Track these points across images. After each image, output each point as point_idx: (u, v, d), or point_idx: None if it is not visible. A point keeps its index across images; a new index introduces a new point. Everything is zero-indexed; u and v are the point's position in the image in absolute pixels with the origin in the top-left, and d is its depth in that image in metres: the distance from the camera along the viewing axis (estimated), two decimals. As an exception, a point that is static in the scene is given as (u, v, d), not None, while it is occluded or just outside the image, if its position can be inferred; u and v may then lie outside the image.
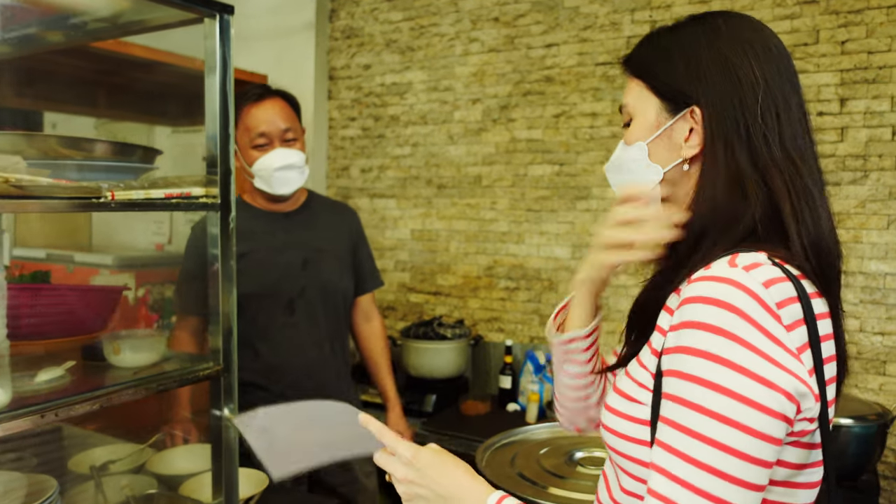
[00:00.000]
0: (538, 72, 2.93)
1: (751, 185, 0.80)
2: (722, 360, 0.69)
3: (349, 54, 3.38)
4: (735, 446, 0.69)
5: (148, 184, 1.05)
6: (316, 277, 1.89)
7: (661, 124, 0.87)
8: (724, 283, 0.72)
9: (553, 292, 2.96)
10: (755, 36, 0.85)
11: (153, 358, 1.16)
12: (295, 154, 1.83)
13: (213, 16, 1.11)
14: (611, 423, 0.85)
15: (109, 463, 1.49)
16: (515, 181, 3.01)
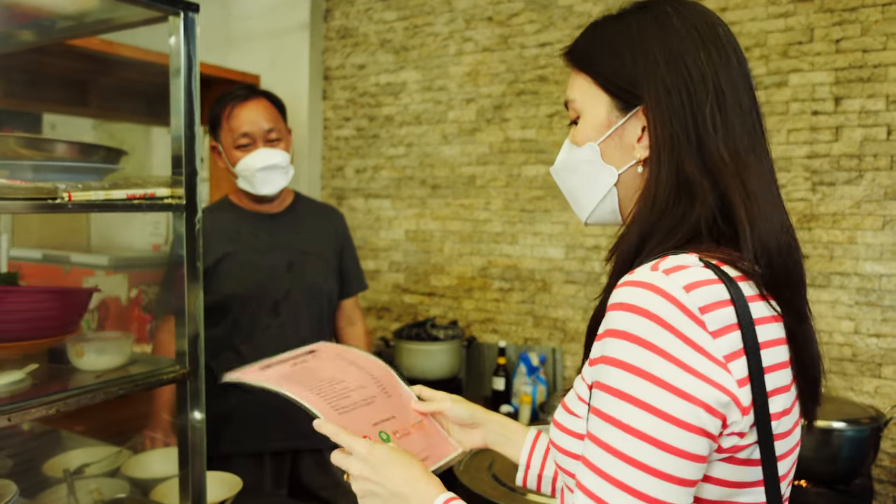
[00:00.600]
0: (532, 71, 2.91)
1: (699, 186, 0.74)
2: (638, 371, 0.65)
3: (344, 54, 3.37)
4: (652, 464, 0.64)
5: (109, 184, 1.04)
6: (301, 280, 1.87)
7: (612, 123, 0.81)
8: (642, 287, 0.67)
9: (547, 293, 2.93)
10: (706, 26, 0.78)
11: (119, 361, 1.15)
12: (278, 154, 1.81)
13: (177, 13, 1.09)
14: (556, 438, 0.81)
15: (85, 466, 1.48)
16: (509, 181, 2.99)
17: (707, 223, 0.74)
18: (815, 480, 1.99)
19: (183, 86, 1.12)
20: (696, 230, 0.75)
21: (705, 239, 0.75)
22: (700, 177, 0.75)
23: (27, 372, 1.07)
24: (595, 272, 2.83)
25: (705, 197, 0.74)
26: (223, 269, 1.81)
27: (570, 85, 0.86)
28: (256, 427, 1.82)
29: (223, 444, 1.81)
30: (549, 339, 2.95)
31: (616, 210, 0.85)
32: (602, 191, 0.83)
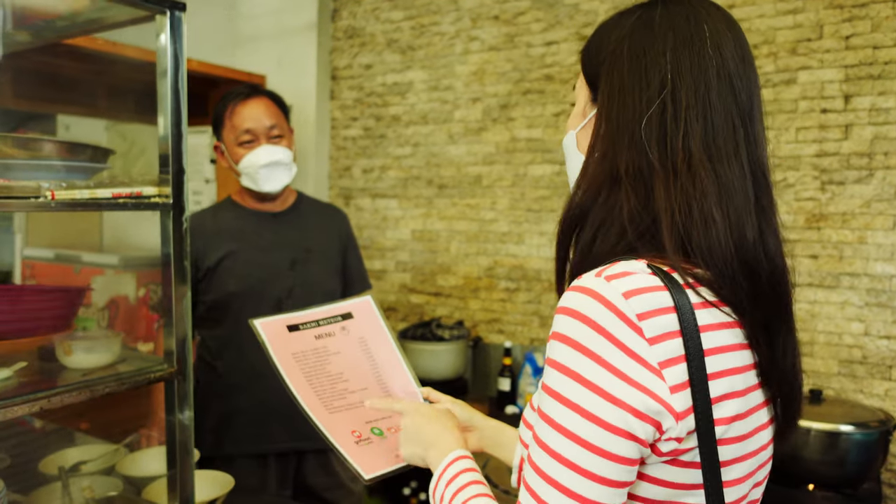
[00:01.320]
0: (538, 70, 2.89)
1: (626, 185, 0.73)
2: (573, 375, 0.67)
3: (351, 54, 3.37)
4: (582, 464, 0.66)
5: (94, 183, 1.04)
6: (304, 278, 1.87)
7: (586, 113, 0.83)
8: (582, 293, 0.68)
9: (553, 293, 2.91)
10: (687, 25, 0.75)
11: (107, 359, 1.15)
12: (281, 151, 1.82)
13: (163, 12, 1.10)
14: (524, 435, 0.83)
15: (81, 464, 1.49)
16: (515, 181, 2.97)
17: (634, 222, 0.73)
18: (822, 484, 1.95)
19: (170, 85, 1.12)
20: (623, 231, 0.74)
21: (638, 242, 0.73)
22: (630, 177, 0.73)
23: (15, 370, 1.08)
24: (601, 272, 2.80)
25: (629, 196, 0.73)
26: (226, 267, 1.82)
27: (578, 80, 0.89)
28: (260, 428, 1.82)
29: (227, 445, 1.81)
30: (556, 340, 2.93)
31: None
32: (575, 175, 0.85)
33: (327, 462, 1.89)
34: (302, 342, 1.07)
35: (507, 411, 2.81)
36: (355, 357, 1.11)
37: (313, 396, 1.01)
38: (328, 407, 1.01)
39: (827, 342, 2.34)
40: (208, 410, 1.85)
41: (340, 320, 1.14)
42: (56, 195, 0.98)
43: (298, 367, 1.03)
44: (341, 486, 1.91)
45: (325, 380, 1.04)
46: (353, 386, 1.07)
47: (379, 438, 1.01)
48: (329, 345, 1.09)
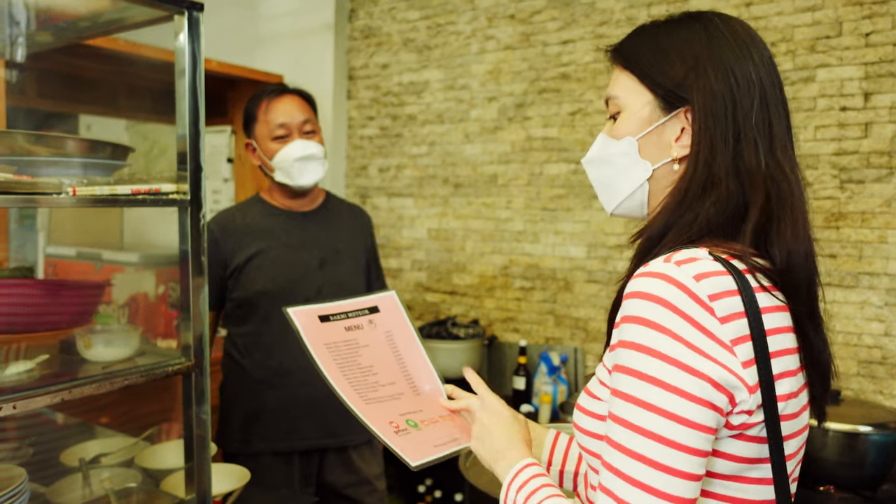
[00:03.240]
0: (554, 69, 2.89)
1: (722, 188, 0.79)
2: (650, 351, 0.71)
3: (368, 54, 3.39)
4: (664, 434, 0.70)
5: (115, 180, 1.07)
6: (333, 277, 1.89)
7: (653, 121, 0.85)
8: (655, 277, 0.73)
9: (568, 292, 2.91)
10: (751, 40, 0.84)
11: (126, 353, 1.17)
12: (314, 145, 1.84)
13: (181, 12, 1.11)
14: (579, 421, 0.86)
15: (101, 456, 1.51)
16: (531, 180, 2.97)
17: (721, 219, 0.80)
18: (841, 485, 1.94)
19: (188, 83, 1.14)
20: (711, 226, 0.80)
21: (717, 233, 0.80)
22: (726, 179, 0.80)
23: (37, 362, 1.10)
24: (617, 271, 2.79)
25: (727, 195, 0.79)
26: (255, 265, 1.83)
27: (614, 81, 0.90)
28: (286, 426, 1.84)
29: (254, 442, 1.83)
30: (571, 339, 2.93)
31: (644, 203, 0.89)
32: (634, 184, 0.88)
33: (349, 460, 1.90)
34: (333, 333, 1.08)
35: (521, 410, 2.81)
36: (383, 351, 1.12)
37: (349, 387, 1.02)
38: (364, 398, 1.02)
39: (846, 342, 2.32)
40: (235, 407, 1.87)
41: (367, 313, 1.15)
42: (77, 191, 1.00)
43: (332, 357, 1.04)
44: (363, 484, 1.92)
45: (358, 372, 1.05)
46: (383, 380, 1.08)
47: (415, 430, 1.02)
48: (359, 337, 1.10)
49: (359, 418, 0.99)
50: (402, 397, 1.08)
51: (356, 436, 1.90)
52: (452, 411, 1.10)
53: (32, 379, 1.05)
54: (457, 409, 1.10)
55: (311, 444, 1.84)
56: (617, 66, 0.90)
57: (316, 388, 1.84)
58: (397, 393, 1.08)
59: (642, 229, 0.87)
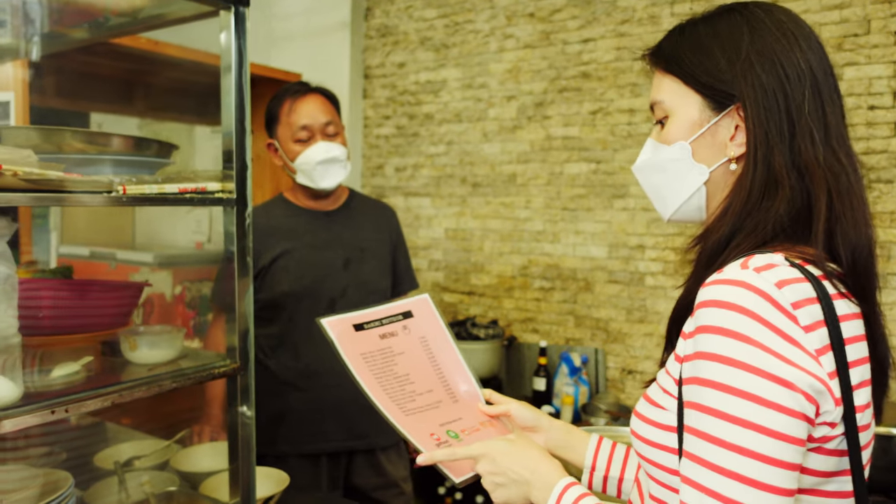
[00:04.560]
0: (574, 68, 2.87)
1: (785, 185, 0.76)
2: (736, 363, 0.68)
3: (384, 52, 3.37)
4: (757, 449, 0.67)
5: (162, 178, 1.04)
6: (358, 277, 1.87)
7: (704, 122, 0.82)
8: (734, 285, 0.70)
9: (589, 293, 2.89)
10: (797, 27, 0.80)
11: (170, 354, 1.15)
12: (337, 147, 1.81)
13: (227, 8, 1.09)
14: (639, 429, 0.84)
15: (135, 459, 1.49)
16: (551, 179, 2.95)
17: (789, 219, 0.77)
18: (875, 489, 1.92)
19: (234, 81, 1.12)
20: (780, 227, 0.77)
21: (785, 235, 0.77)
22: (788, 175, 0.76)
23: (82, 364, 1.08)
24: (639, 272, 2.77)
25: (791, 194, 0.76)
26: (280, 266, 1.81)
27: (657, 86, 0.87)
28: (314, 427, 1.81)
29: (280, 444, 1.81)
30: (592, 340, 2.91)
31: (702, 207, 0.86)
32: (691, 188, 0.85)
33: (376, 462, 1.88)
34: (368, 342, 1.06)
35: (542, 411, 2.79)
36: (419, 358, 1.10)
37: (387, 399, 1.00)
38: (403, 409, 1.00)
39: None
40: (261, 408, 1.85)
41: (402, 319, 1.13)
42: (127, 189, 0.98)
43: (368, 368, 1.02)
44: (390, 486, 1.90)
45: (394, 381, 1.03)
46: (420, 388, 1.06)
47: (456, 441, 1.00)
48: (393, 345, 1.08)
49: (400, 433, 0.97)
50: (440, 405, 1.06)
51: (383, 438, 1.88)
52: (492, 416, 1.08)
53: (80, 382, 1.03)
54: (496, 415, 1.08)
55: (338, 447, 1.82)
56: (658, 69, 0.88)
57: (342, 390, 1.82)
58: (435, 401, 1.06)
59: (704, 233, 0.83)
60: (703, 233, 0.84)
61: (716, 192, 0.84)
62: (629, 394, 2.83)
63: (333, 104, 1.87)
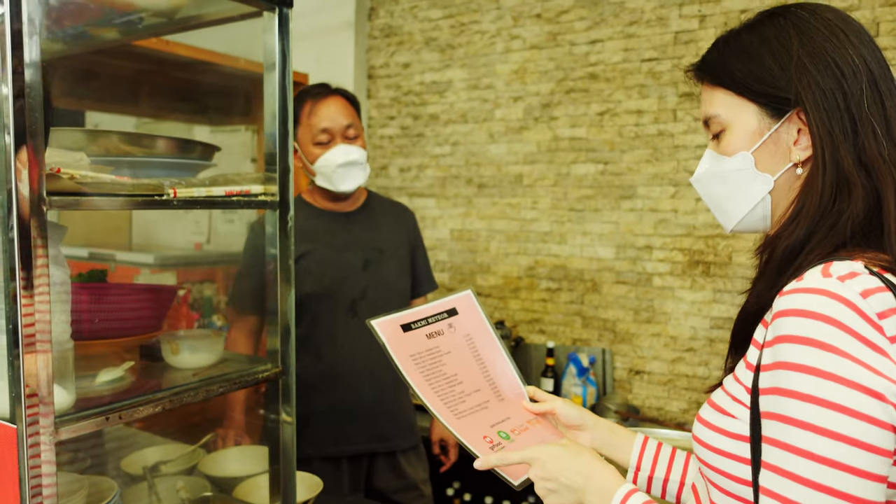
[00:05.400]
0: (582, 69, 2.88)
1: (857, 184, 0.76)
2: (823, 374, 0.66)
3: (388, 53, 3.36)
4: (844, 461, 0.65)
5: (209, 181, 1.03)
6: (377, 278, 1.86)
7: (764, 131, 0.82)
8: (819, 294, 0.69)
9: (596, 293, 2.90)
10: (845, 24, 0.80)
11: (212, 359, 1.14)
12: (357, 150, 1.80)
13: (272, 9, 1.09)
14: (703, 435, 0.82)
15: (160, 464, 1.48)
16: (558, 180, 2.96)
17: (860, 220, 0.76)
18: None
19: (277, 83, 1.11)
20: (856, 226, 0.76)
21: (861, 236, 0.76)
22: (857, 174, 0.76)
23: (125, 369, 1.07)
24: (646, 272, 2.79)
25: (862, 193, 0.75)
26: (301, 267, 1.80)
27: (708, 101, 0.87)
28: (335, 430, 1.80)
29: (303, 447, 1.80)
30: (599, 341, 2.92)
31: (767, 216, 0.86)
32: (755, 198, 0.84)
33: (397, 464, 1.87)
34: (416, 343, 1.06)
35: (550, 411, 2.80)
36: (465, 357, 1.10)
37: (440, 402, 1.00)
38: (454, 412, 1.00)
39: None
40: None
41: (447, 317, 1.13)
42: (177, 193, 0.97)
43: (418, 370, 1.02)
44: (410, 489, 1.89)
45: (444, 383, 1.04)
46: (468, 388, 1.06)
47: (508, 442, 1.00)
48: (441, 345, 1.08)
49: (456, 437, 0.97)
50: (488, 405, 1.07)
51: (404, 440, 1.88)
52: (538, 414, 1.08)
53: (126, 387, 1.02)
54: (542, 413, 1.08)
55: (359, 449, 1.82)
56: (706, 84, 0.87)
57: (364, 392, 1.81)
58: (483, 402, 1.06)
59: (773, 238, 0.83)
60: (772, 238, 0.83)
61: (780, 199, 0.84)
62: (636, 394, 2.85)
63: (354, 106, 1.87)
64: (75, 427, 0.86)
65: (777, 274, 0.78)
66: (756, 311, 0.81)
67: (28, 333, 0.78)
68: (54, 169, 0.83)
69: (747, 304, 0.83)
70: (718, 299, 2.65)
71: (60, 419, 0.86)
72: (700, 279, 2.68)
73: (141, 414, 0.94)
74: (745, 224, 0.87)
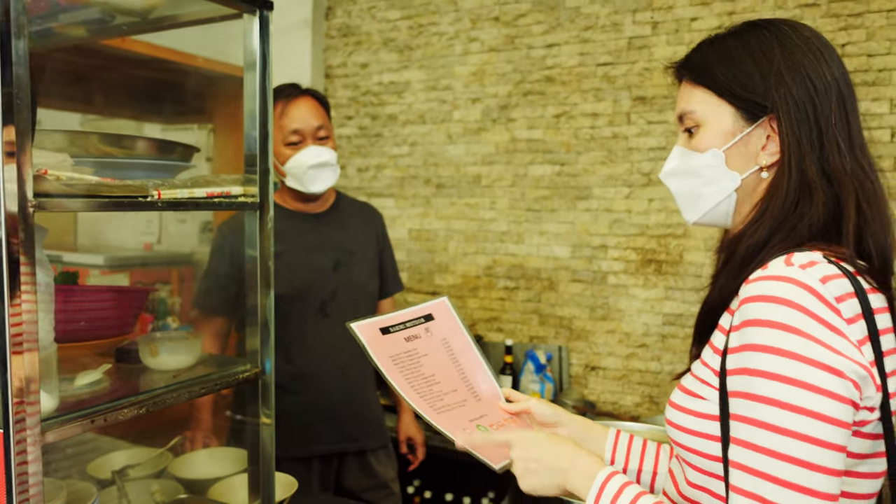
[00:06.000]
0: (539, 72, 2.94)
1: (819, 191, 0.82)
2: (787, 353, 0.72)
3: (346, 52, 3.35)
4: (808, 433, 0.71)
5: (190, 182, 1.03)
6: (348, 279, 1.87)
7: (737, 132, 0.87)
8: (781, 280, 0.75)
9: (553, 292, 2.97)
10: (821, 43, 0.87)
11: (190, 361, 1.14)
12: (328, 152, 1.81)
13: (252, 11, 1.09)
14: (676, 418, 0.87)
15: (128, 468, 1.46)
16: (515, 181, 3.01)
17: (819, 224, 0.82)
18: None
19: (258, 85, 1.11)
20: (815, 229, 0.82)
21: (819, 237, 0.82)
22: (820, 182, 0.82)
23: (102, 372, 1.06)
24: (601, 271, 2.87)
25: (823, 199, 0.82)
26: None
27: (686, 97, 0.92)
28: (306, 430, 1.80)
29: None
30: (555, 338, 2.98)
31: (730, 213, 0.91)
32: (722, 194, 0.90)
33: (367, 463, 1.89)
34: (395, 345, 1.09)
35: (509, 408, 2.85)
36: (442, 359, 1.13)
37: (419, 399, 1.03)
38: (434, 408, 1.04)
39: None
40: None
41: (423, 322, 1.16)
42: (161, 194, 0.97)
43: (398, 370, 1.05)
44: (381, 487, 1.91)
45: (423, 382, 1.07)
46: (446, 388, 1.09)
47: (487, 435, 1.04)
48: (418, 347, 1.11)
49: (435, 427, 1.01)
50: (466, 404, 1.10)
51: (374, 440, 1.89)
52: (513, 414, 1.11)
53: (106, 390, 1.01)
54: (516, 412, 1.11)
55: (330, 449, 1.82)
56: (687, 81, 0.92)
57: (334, 393, 1.82)
58: (461, 400, 1.10)
59: (737, 237, 0.89)
60: (735, 236, 0.89)
61: (744, 198, 0.90)
62: (592, 389, 2.93)
63: (325, 107, 1.87)
64: (61, 430, 0.86)
65: (740, 267, 0.84)
66: (719, 302, 0.86)
67: (15, 334, 0.77)
68: (41, 171, 0.82)
69: (710, 297, 0.88)
70: (670, 296, 2.75)
71: (46, 422, 0.85)
72: (653, 277, 2.77)
73: (125, 416, 0.94)
74: (709, 217, 0.93)
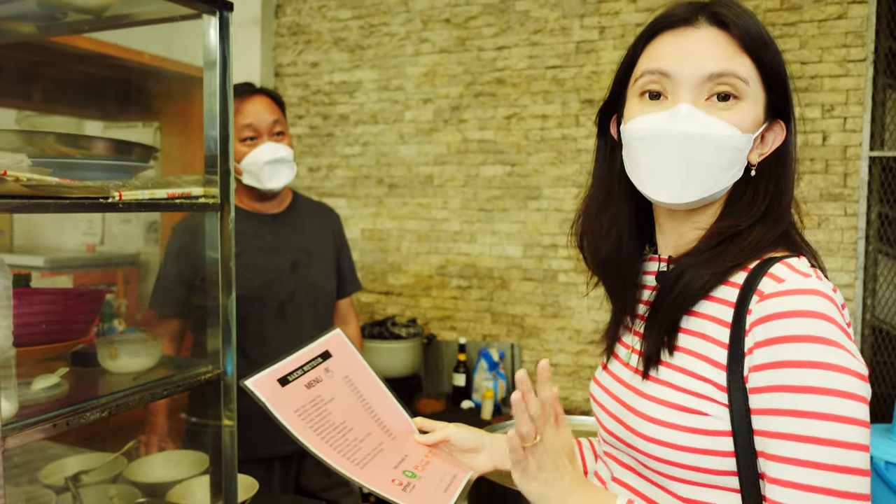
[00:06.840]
0: (489, 73, 2.98)
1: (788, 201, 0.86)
2: (828, 366, 0.73)
3: (296, 51, 3.33)
4: (858, 441, 0.72)
5: (151, 183, 1.02)
6: (306, 280, 1.86)
7: (759, 123, 0.84)
8: (814, 294, 0.75)
9: (505, 290, 3.01)
10: None
11: (150, 363, 1.12)
12: (284, 148, 1.80)
13: (212, 12, 1.09)
14: (663, 435, 0.82)
15: (82, 473, 1.43)
16: (467, 181, 3.05)
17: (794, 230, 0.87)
18: None
19: (218, 86, 1.11)
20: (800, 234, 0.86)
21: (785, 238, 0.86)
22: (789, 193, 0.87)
23: (60, 375, 1.04)
24: (552, 269, 2.93)
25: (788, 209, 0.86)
26: None
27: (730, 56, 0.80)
28: (266, 431, 1.79)
29: None
30: (508, 336, 3.03)
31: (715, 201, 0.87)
32: (729, 182, 0.84)
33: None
34: (297, 396, 1.01)
35: (462, 406, 2.89)
36: (349, 400, 1.06)
37: (337, 455, 0.96)
38: (354, 462, 0.96)
39: None
40: None
41: (321, 361, 1.08)
42: (123, 195, 0.96)
43: (307, 425, 0.98)
44: (340, 486, 1.92)
45: (335, 433, 0.99)
46: (360, 433, 1.02)
47: (415, 480, 0.98)
48: (322, 393, 1.04)
49: (365, 488, 0.94)
50: (384, 447, 1.03)
51: (331, 439, 1.90)
52: (430, 446, 1.05)
53: (65, 394, 0.99)
54: (434, 443, 1.05)
55: (291, 450, 1.82)
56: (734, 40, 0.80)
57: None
58: (378, 444, 1.03)
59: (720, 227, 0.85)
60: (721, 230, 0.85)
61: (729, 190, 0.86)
62: (543, 385, 2.98)
63: (279, 105, 1.86)
64: (22, 435, 0.84)
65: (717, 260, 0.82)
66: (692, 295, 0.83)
67: (-25, 341, 0.76)
68: (0, 172, 0.81)
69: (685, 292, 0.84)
70: (618, 294, 2.83)
71: (6, 427, 0.83)
72: (601, 275, 2.85)
73: (88, 419, 0.92)
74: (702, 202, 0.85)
